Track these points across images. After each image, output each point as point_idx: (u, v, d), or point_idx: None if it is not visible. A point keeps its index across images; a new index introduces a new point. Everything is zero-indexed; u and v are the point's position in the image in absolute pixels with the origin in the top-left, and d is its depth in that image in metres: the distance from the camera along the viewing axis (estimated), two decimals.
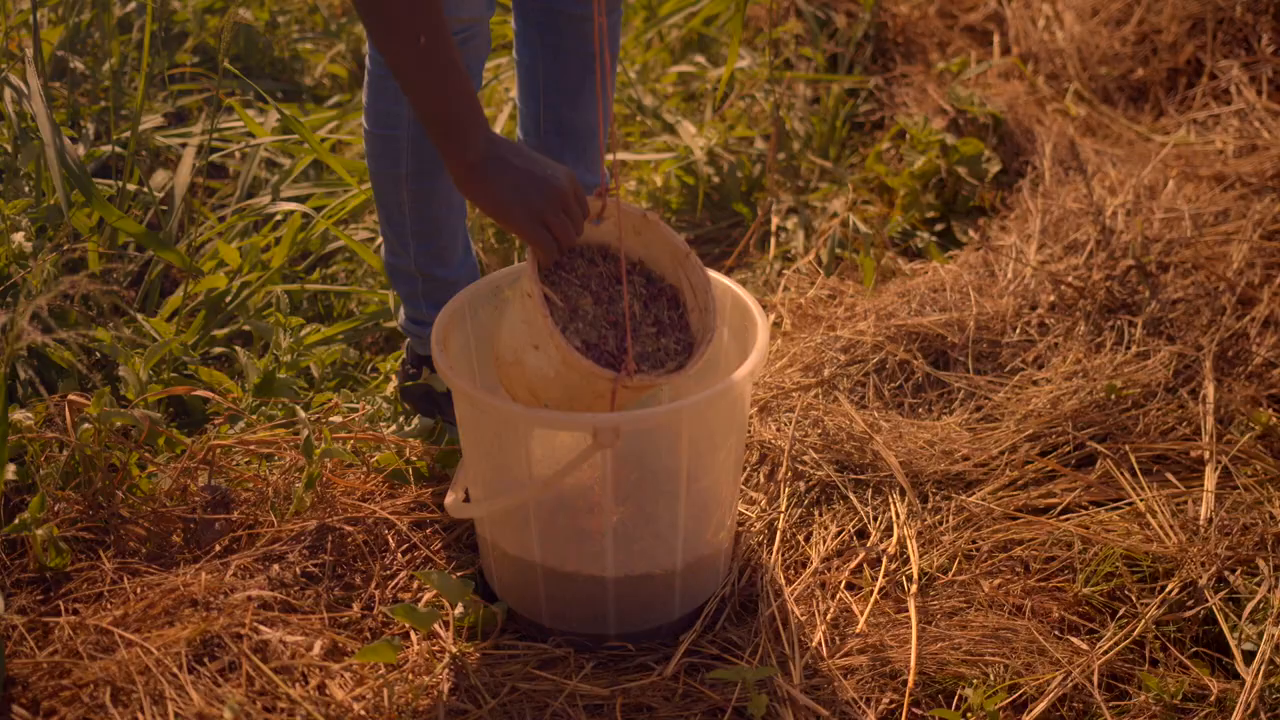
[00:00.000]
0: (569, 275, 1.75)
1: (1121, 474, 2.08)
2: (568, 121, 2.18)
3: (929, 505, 2.02)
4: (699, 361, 1.71)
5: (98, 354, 2.23)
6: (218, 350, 2.35)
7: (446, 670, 1.71)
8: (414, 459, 2.03)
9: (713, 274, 1.83)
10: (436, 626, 1.76)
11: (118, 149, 2.58)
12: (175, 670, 1.61)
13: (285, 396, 2.13)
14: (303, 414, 1.94)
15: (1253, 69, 3.17)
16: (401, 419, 2.14)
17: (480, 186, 1.66)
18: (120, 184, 2.47)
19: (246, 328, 2.33)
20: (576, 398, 1.69)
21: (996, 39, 3.42)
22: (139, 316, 2.28)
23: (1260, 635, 1.80)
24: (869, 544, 1.95)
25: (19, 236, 2.22)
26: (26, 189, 2.42)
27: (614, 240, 1.79)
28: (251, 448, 2.01)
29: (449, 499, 1.82)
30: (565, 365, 1.65)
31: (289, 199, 2.55)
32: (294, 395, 2.15)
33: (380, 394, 2.22)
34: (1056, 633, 1.83)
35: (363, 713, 1.62)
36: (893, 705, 1.71)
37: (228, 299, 2.37)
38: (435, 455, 2.03)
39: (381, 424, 2.14)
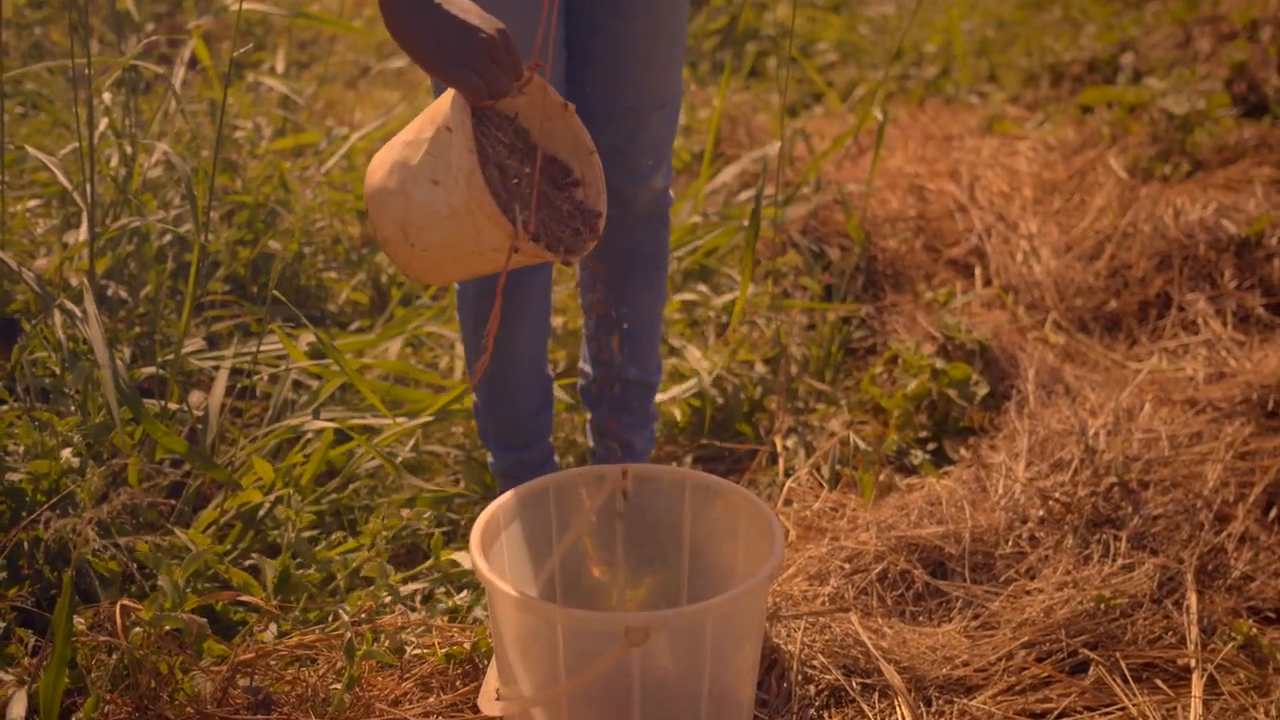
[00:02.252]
0: (496, 132, 1.71)
1: (1113, 680, 2.18)
2: (614, 313, 2.43)
3: (933, 709, 2.12)
4: (590, 245, 1.75)
5: (133, 563, 2.34)
6: (249, 562, 2.46)
7: None
8: (448, 649, 2.12)
9: (730, 484, 1.97)
10: None
11: (160, 371, 2.74)
12: None
13: (302, 593, 2.23)
14: (345, 616, 2.05)
15: (1217, 302, 3.37)
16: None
17: (397, 24, 1.60)
18: (163, 404, 2.62)
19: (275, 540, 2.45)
20: (453, 245, 1.62)
21: (979, 271, 3.63)
22: (176, 529, 2.40)
23: None
24: None
25: (67, 452, 2.36)
26: (73, 408, 2.56)
27: (526, 117, 1.75)
28: (292, 650, 2.11)
29: (482, 696, 1.92)
30: (468, 208, 1.57)
31: (322, 419, 2.70)
32: (311, 595, 2.25)
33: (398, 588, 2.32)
34: None
35: None
36: None
37: (260, 513, 2.50)
38: (468, 645, 2.13)
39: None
